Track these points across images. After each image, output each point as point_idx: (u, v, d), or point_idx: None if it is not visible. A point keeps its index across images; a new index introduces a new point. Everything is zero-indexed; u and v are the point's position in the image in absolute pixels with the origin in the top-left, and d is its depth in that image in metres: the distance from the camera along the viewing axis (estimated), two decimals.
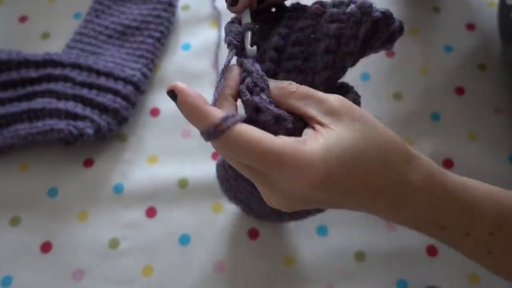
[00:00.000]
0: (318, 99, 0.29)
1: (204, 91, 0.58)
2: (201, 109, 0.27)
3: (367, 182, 0.28)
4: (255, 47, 0.32)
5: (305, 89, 0.30)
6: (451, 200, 0.31)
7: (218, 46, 0.60)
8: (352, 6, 0.31)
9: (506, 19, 0.53)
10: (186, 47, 0.61)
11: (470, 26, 0.61)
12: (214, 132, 0.27)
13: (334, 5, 0.33)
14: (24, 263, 0.48)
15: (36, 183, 0.53)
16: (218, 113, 0.27)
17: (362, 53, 0.33)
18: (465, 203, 0.31)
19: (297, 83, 0.31)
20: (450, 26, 0.61)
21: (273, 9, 0.35)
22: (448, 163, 0.52)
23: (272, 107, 0.29)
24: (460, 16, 0.62)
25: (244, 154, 0.27)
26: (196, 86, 0.58)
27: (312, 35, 0.32)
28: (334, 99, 0.29)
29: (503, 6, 0.53)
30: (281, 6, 0.35)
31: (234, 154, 0.27)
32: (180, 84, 0.28)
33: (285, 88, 0.30)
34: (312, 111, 0.29)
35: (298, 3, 0.35)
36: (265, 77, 0.30)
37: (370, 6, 0.31)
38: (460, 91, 0.57)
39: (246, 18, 0.33)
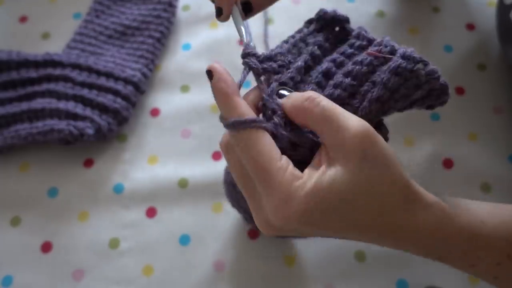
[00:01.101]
0: (337, 127, 0.27)
1: (204, 92, 0.58)
2: (232, 99, 0.28)
3: (358, 223, 0.27)
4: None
5: (327, 108, 0.28)
6: (455, 242, 0.30)
7: (266, 35, 0.57)
8: (420, 66, 0.30)
9: (504, 19, 0.52)
10: (186, 47, 0.61)
11: (470, 26, 0.61)
12: (234, 125, 0.28)
13: (403, 57, 0.30)
14: (24, 263, 0.48)
15: (36, 183, 0.53)
16: (246, 110, 0.28)
17: (403, 108, 0.33)
18: (471, 241, 0.30)
19: None
20: (450, 26, 0.61)
21: (337, 28, 0.35)
22: (447, 163, 0.52)
23: (285, 133, 0.29)
24: (460, 16, 0.62)
25: (246, 157, 0.27)
26: (196, 87, 0.58)
27: (368, 73, 0.31)
28: (354, 130, 0.27)
29: (501, 6, 0.53)
30: (345, 28, 0.35)
31: (240, 151, 0.28)
32: (219, 67, 0.29)
33: (302, 106, 0.29)
34: (325, 138, 0.28)
35: (364, 32, 0.33)
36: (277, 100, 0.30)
37: (438, 77, 0.30)
38: (459, 91, 0.57)
39: (237, 21, 0.34)
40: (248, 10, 0.35)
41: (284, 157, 0.28)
